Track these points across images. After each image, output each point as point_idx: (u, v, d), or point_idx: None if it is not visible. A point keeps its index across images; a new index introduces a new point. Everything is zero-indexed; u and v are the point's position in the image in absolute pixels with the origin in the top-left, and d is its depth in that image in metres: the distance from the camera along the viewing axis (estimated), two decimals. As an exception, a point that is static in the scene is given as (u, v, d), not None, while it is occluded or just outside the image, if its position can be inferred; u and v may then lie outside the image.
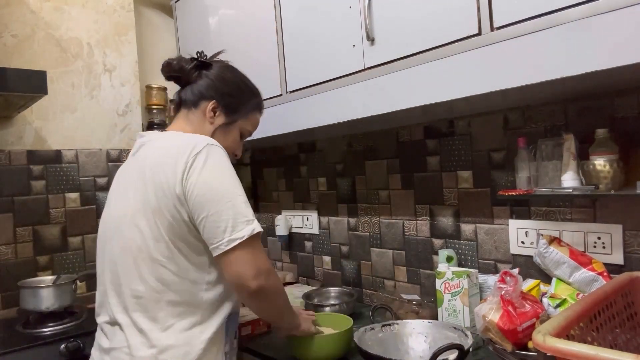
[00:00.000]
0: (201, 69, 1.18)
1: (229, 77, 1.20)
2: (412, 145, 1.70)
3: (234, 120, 1.19)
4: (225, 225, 0.97)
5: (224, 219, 0.97)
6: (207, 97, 1.16)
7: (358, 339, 1.20)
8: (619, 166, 1.11)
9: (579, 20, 0.90)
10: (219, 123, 1.17)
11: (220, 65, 1.21)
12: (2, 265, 1.86)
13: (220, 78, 1.18)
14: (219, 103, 1.16)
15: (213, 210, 0.97)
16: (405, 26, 1.22)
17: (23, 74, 1.60)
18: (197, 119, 1.16)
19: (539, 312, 1.14)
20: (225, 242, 0.96)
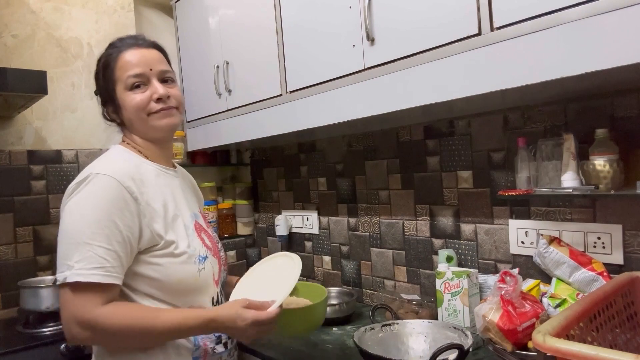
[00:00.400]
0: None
1: (94, 77, 1.13)
2: (412, 145, 1.70)
3: (113, 95, 1.07)
4: (57, 262, 0.94)
5: (58, 255, 0.95)
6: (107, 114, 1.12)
7: (358, 339, 1.20)
8: (619, 166, 1.11)
9: (579, 20, 0.91)
10: (115, 112, 1.10)
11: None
12: (2, 265, 1.86)
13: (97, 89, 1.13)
14: (104, 104, 1.11)
15: (59, 241, 0.95)
16: (405, 26, 1.22)
17: (23, 74, 1.60)
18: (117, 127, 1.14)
19: (539, 312, 1.15)
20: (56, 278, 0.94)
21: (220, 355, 1.08)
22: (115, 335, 0.92)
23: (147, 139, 1.10)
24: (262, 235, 2.45)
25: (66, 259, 0.91)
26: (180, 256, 1.00)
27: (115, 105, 1.08)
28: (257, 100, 1.75)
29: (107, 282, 0.91)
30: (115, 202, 0.94)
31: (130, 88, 1.05)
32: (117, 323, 0.91)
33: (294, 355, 1.39)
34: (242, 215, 2.46)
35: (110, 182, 0.95)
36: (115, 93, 1.07)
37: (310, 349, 1.43)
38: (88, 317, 0.90)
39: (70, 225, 0.93)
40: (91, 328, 0.90)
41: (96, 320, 0.90)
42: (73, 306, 0.90)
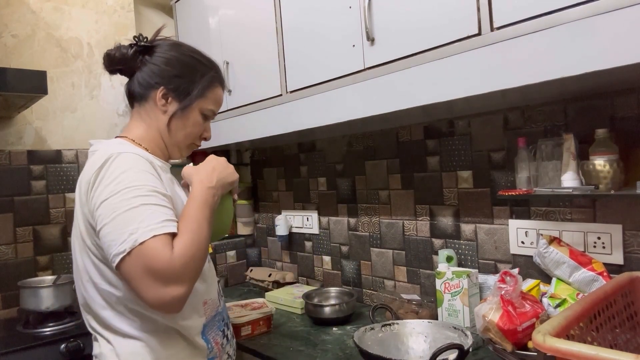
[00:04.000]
0: (144, 54, 1.06)
1: (175, 56, 1.07)
2: (412, 145, 1.70)
3: (190, 102, 1.06)
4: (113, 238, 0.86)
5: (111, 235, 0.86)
6: (154, 86, 1.05)
7: (358, 339, 1.20)
8: (619, 166, 1.11)
9: (579, 20, 0.91)
10: (172, 110, 1.05)
11: (165, 45, 1.08)
12: (2, 265, 1.86)
13: (166, 60, 1.05)
14: (168, 88, 1.04)
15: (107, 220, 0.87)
16: (405, 26, 1.22)
17: (23, 74, 1.60)
18: (150, 111, 1.06)
19: (539, 312, 1.15)
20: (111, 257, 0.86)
21: (225, 347, 1.10)
22: (197, 257, 0.88)
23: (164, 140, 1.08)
24: (262, 235, 2.45)
25: (122, 231, 0.84)
26: None
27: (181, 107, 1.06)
28: (257, 100, 1.75)
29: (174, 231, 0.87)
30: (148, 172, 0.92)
31: (205, 118, 1.10)
32: (190, 244, 0.87)
33: (294, 355, 1.39)
34: (242, 215, 2.46)
35: (136, 157, 0.93)
36: (193, 102, 1.06)
37: (310, 349, 1.43)
38: (175, 265, 0.83)
39: (115, 202, 0.87)
40: (182, 274, 0.84)
41: (182, 262, 0.84)
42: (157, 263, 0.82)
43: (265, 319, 1.59)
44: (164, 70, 1.05)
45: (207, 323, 1.04)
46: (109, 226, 0.86)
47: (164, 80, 1.05)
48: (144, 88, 1.05)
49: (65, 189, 2.04)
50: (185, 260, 0.85)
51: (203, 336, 1.02)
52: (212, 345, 1.04)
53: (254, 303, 1.67)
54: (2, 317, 1.83)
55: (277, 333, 1.59)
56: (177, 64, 1.06)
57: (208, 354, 1.03)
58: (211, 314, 1.06)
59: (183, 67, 1.06)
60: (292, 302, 1.82)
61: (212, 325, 1.05)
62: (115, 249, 0.84)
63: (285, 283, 2.12)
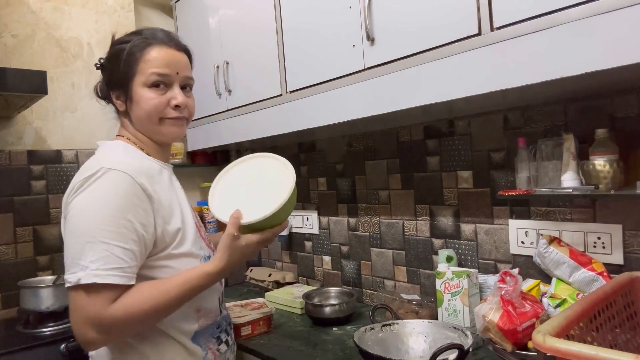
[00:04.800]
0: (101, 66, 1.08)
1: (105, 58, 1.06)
2: (412, 145, 1.70)
3: (127, 85, 1.01)
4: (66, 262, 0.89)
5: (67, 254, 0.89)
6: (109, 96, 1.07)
7: (358, 339, 1.20)
8: (619, 166, 1.11)
9: (579, 20, 0.91)
10: (123, 102, 1.04)
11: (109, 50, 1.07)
12: (2, 265, 1.86)
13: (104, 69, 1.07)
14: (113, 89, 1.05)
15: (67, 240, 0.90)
16: (405, 26, 1.22)
17: (23, 74, 1.60)
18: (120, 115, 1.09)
19: (539, 312, 1.15)
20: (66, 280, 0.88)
21: (225, 354, 1.08)
22: (134, 323, 0.89)
23: (149, 137, 1.07)
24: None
25: (79, 258, 0.86)
26: (189, 257, 0.99)
27: (126, 95, 1.03)
28: (257, 100, 1.75)
29: (122, 284, 0.87)
30: (129, 198, 0.90)
31: (150, 85, 1.00)
32: (127, 314, 0.87)
33: (294, 355, 1.39)
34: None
35: (123, 177, 0.90)
36: (131, 84, 1.01)
37: (310, 349, 1.43)
38: (99, 317, 0.86)
39: (82, 223, 0.88)
40: (109, 328, 0.87)
41: (106, 319, 0.86)
42: (89, 308, 0.86)
43: (265, 319, 1.59)
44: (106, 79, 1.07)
45: (200, 330, 1.02)
46: (67, 246, 0.90)
47: (108, 84, 1.06)
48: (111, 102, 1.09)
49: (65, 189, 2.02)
50: (115, 322, 0.87)
51: (195, 342, 1.01)
52: (207, 351, 1.03)
53: (254, 303, 1.67)
54: (2, 317, 1.83)
55: (277, 333, 1.59)
56: (106, 64, 1.06)
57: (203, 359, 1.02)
58: (207, 323, 1.04)
59: (110, 62, 1.05)
60: (292, 302, 1.82)
61: (204, 332, 1.03)
62: (65, 275, 0.88)
63: (285, 283, 2.12)
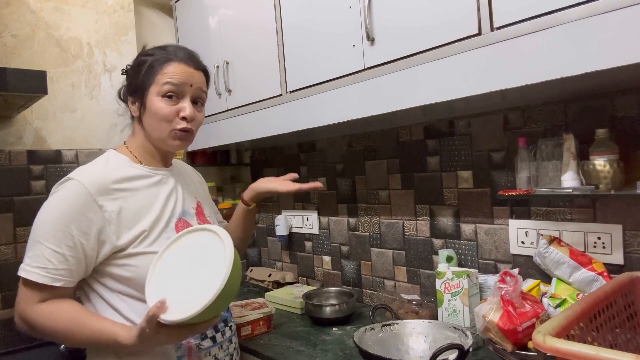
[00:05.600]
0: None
1: (132, 64, 1.14)
2: (412, 145, 1.70)
3: (143, 93, 1.07)
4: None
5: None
6: (126, 101, 1.14)
7: (358, 339, 1.20)
8: (619, 166, 1.11)
9: (579, 20, 0.91)
10: (137, 108, 1.10)
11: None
12: (2, 265, 1.86)
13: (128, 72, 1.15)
14: (130, 94, 1.12)
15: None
16: (405, 26, 1.22)
17: (23, 74, 1.60)
18: (133, 121, 1.15)
19: (539, 312, 1.15)
20: None
21: (209, 349, 1.07)
22: (44, 333, 0.98)
23: (154, 144, 1.12)
24: (262, 235, 2.45)
25: (25, 252, 0.99)
26: (151, 254, 1.00)
27: (141, 103, 1.09)
28: (257, 100, 1.75)
29: (43, 283, 0.96)
30: (75, 207, 0.98)
31: (163, 95, 1.06)
32: (43, 323, 0.96)
33: (294, 355, 1.39)
34: (241, 214, 2.46)
35: (77, 188, 1.00)
36: (147, 93, 1.07)
37: (310, 349, 1.43)
38: (24, 311, 0.97)
39: (35, 223, 1.00)
40: (25, 322, 0.98)
41: (28, 316, 0.97)
42: (18, 298, 0.99)
43: (265, 319, 1.59)
44: (127, 82, 1.14)
45: None
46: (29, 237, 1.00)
47: (128, 89, 1.13)
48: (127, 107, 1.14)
49: (65, 189, 2.03)
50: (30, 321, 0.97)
51: None
52: (182, 342, 1.02)
53: (254, 303, 1.68)
54: (2, 317, 1.83)
55: (277, 333, 1.59)
56: (130, 72, 1.14)
57: (176, 351, 1.02)
58: None
59: (133, 70, 1.12)
60: (292, 302, 1.82)
61: None
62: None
63: (285, 283, 2.12)
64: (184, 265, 0.95)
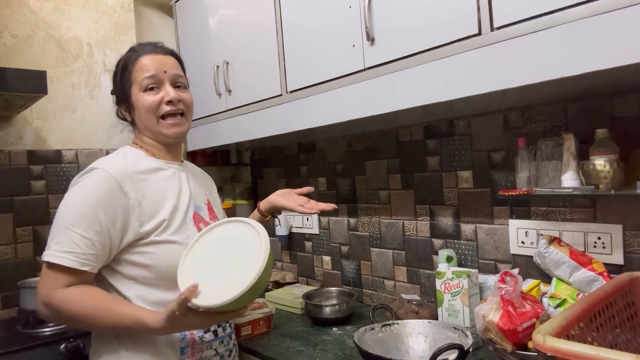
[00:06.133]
0: None
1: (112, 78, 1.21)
2: (412, 145, 1.70)
3: (128, 95, 1.14)
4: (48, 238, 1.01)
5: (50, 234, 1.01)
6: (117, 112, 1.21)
7: (358, 339, 1.20)
8: (619, 166, 1.11)
9: (579, 20, 0.91)
10: (128, 112, 1.17)
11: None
12: (2, 265, 1.86)
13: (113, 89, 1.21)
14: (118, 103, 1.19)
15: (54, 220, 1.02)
16: (405, 26, 1.22)
17: (23, 74, 1.60)
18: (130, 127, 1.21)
19: (539, 312, 1.14)
20: None
21: (210, 343, 1.09)
22: (69, 318, 0.98)
23: (155, 139, 1.16)
24: (262, 235, 2.44)
25: (50, 239, 0.99)
26: (171, 243, 1.04)
27: (129, 105, 1.15)
28: (257, 100, 1.75)
29: (72, 267, 0.96)
30: (103, 193, 1.00)
31: (145, 89, 1.11)
32: (68, 307, 0.96)
33: (294, 355, 1.39)
34: (242, 215, 2.46)
35: (104, 175, 1.01)
36: (130, 93, 1.13)
37: (310, 349, 1.43)
38: (48, 296, 0.97)
39: (61, 210, 1.01)
40: (49, 307, 0.98)
41: (52, 301, 0.97)
42: (42, 283, 0.99)
43: (265, 319, 1.59)
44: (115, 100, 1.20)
45: None
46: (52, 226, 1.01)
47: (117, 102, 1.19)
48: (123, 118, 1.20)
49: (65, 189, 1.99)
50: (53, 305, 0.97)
51: None
52: (186, 334, 1.05)
53: (254, 303, 1.67)
54: (2, 317, 1.83)
55: (277, 333, 1.59)
56: (113, 87, 1.20)
57: (180, 342, 1.04)
58: None
59: (114, 83, 1.20)
60: (292, 302, 1.82)
61: None
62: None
63: (285, 283, 2.12)
64: (218, 254, 0.96)
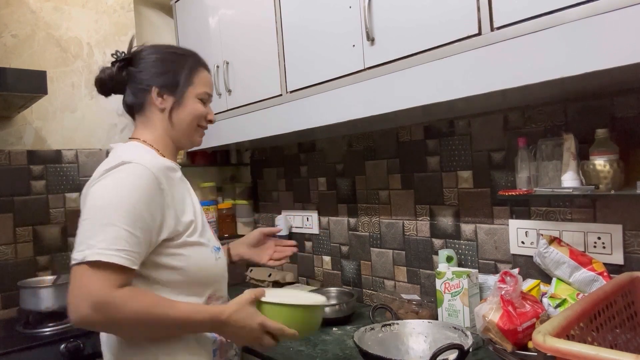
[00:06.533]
0: (127, 67, 1.12)
1: (156, 56, 1.13)
2: (412, 145, 1.70)
3: (183, 91, 1.11)
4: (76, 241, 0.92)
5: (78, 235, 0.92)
6: (146, 89, 1.10)
7: (358, 339, 1.20)
8: (619, 166, 1.11)
9: (579, 20, 0.90)
10: (170, 104, 1.11)
11: (143, 51, 1.14)
12: (2, 265, 1.86)
13: (149, 63, 1.11)
14: (159, 86, 1.10)
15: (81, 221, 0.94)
16: (405, 26, 1.22)
17: (23, 74, 1.60)
18: (151, 114, 1.11)
19: (539, 312, 1.14)
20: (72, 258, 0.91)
21: (231, 344, 1.12)
22: (129, 320, 0.89)
23: (176, 141, 1.14)
24: (262, 235, 2.44)
25: (88, 238, 0.90)
26: (200, 246, 1.04)
27: (176, 99, 1.11)
28: (257, 100, 1.75)
29: (126, 265, 0.89)
30: (146, 191, 0.95)
31: (200, 98, 1.13)
32: (134, 307, 0.88)
33: (294, 355, 1.39)
34: (242, 215, 2.46)
35: (143, 171, 0.96)
36: (185, 91, 1.11)
37: (310, 349, 1.43)
38: (105, 297, 0.86)
39: (98, 207, 0.93)
40: (105, 310, 0.87)
41: (114, 302, 0.87)
42: (90, 285, 0.87)
43: (265, 319, 1.59)
44: (150, 73, 1.11)
45: None
46: (81, 225, 0.93)
47: (153, 81, 1.10)
48: (138, 96, 1.11)
49: (65, 189, 2.04)
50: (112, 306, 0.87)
51: None
52: (216, 337, 1.07)
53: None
54: (2, 317, 1.83)
55: (277, 333, 1.59)
56: (159, 63, 1.12)
57: (212, 344, 1.06)
58: None
59: (165, 63, 1.12)
60: (292, 302, 1.82)
61: None
62: (74, 253, 0.90)
63: (285, 283, 2.12)
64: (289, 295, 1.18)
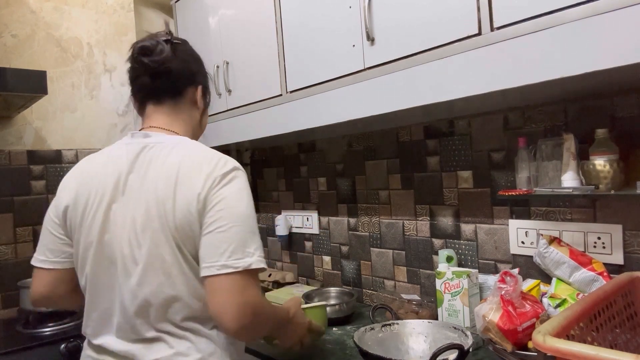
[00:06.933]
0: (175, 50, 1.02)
1: (197, 55, 1.09)
2: (412, 145, 1.70)
3: (209, 100, 1.13)
4: (225, 249, 0.89)
5: (227, 239, 0.89)
6: (194, 83, 1.06)
7: (358, 339, 1.20)
8: (619, 166, 1.11)
9: (579, 20, 0.90)
10: (203, 106, 1.09)
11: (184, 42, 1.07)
12: (2, 265, 1.87)
13: (194, 58, 1.07)
14: (204, 86, 1.09)
15: (224, 228, 0.90)
16: (405, 26, 1.22)
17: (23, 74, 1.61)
18: (185, 107, 1.05)
19: (539, 312, 1.15)
20: (218, 266, 0.88)
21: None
22: (268, 322, 0.98)
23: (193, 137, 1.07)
24: (262, 235, 2.44)
25: (245, 246, 0.90)
26: None
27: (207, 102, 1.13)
28: (257, 100, 1.75)
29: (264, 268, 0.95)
30: None
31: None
32: (267, 309, 0.96)
33: (294, 356, 1.38)
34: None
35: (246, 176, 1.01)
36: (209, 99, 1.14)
37: (310, 349, 1.43)
38: (261, 302, 0.93)
39: (246, 216, 0.93)
40: (259, 314, 0.91)
41: (262, 305, 0.93)
42: (252, 291, 0.90)
43: (265, 319, 1.59)
44: (197, 68, 1.08)
45: None
46: (228, 231, 0.90)
47: (200, 77, 1.09)
48: (181, 84, 1.04)
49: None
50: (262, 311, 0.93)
51: None
52: None
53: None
54: (2, 317, 1.83)
55: (277, 333, 1.59)
56: (200, 63, 1.11)
57: None
58: None
59: (201, 65, 1.11)
60: (292, 302, 1.82)
61: None
62: (224, 260, 0.88)
63: (285, 283, 2.12)
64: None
